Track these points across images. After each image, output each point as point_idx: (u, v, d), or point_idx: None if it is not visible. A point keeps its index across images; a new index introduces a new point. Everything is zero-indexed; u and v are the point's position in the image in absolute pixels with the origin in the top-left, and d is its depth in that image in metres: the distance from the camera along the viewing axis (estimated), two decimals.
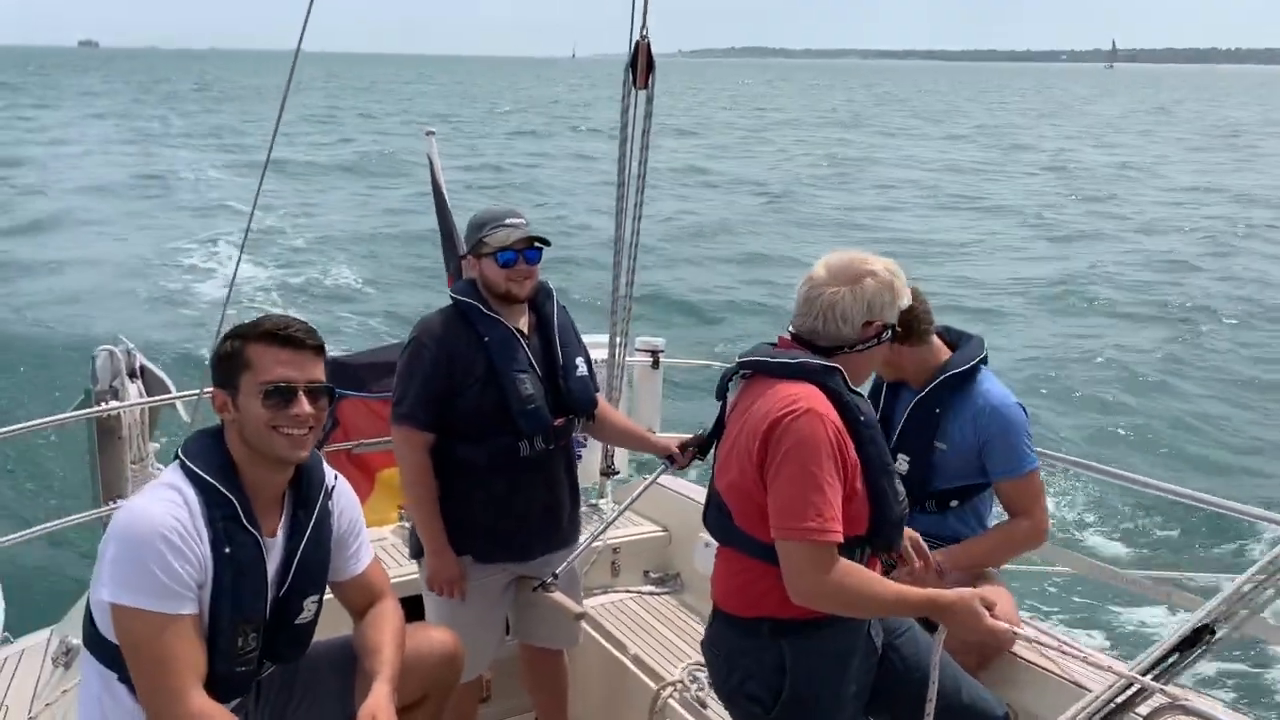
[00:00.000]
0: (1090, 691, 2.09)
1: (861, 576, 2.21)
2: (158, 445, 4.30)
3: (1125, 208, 30.50)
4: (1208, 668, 2.05)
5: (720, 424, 2.55)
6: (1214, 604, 1.93)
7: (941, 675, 2.35)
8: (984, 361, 3.05)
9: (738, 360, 2.42)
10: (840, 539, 2.17)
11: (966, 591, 2.27)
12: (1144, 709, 1.98)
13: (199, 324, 14.64)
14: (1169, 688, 1.96)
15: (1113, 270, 21.03)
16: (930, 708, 2.32)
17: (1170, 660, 1.94)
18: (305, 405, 2.23)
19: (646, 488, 3.36)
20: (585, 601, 3.52)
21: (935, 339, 3.06)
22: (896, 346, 2.89)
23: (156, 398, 4.22)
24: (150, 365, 4.31)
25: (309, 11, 3.21)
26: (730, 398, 2.46)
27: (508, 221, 3.03)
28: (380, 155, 39.53)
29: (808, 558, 2.16)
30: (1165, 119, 77.06)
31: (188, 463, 2.22)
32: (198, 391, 3.72)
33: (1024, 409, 2.98)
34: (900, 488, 2.32)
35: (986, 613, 2.24)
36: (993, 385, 3.01)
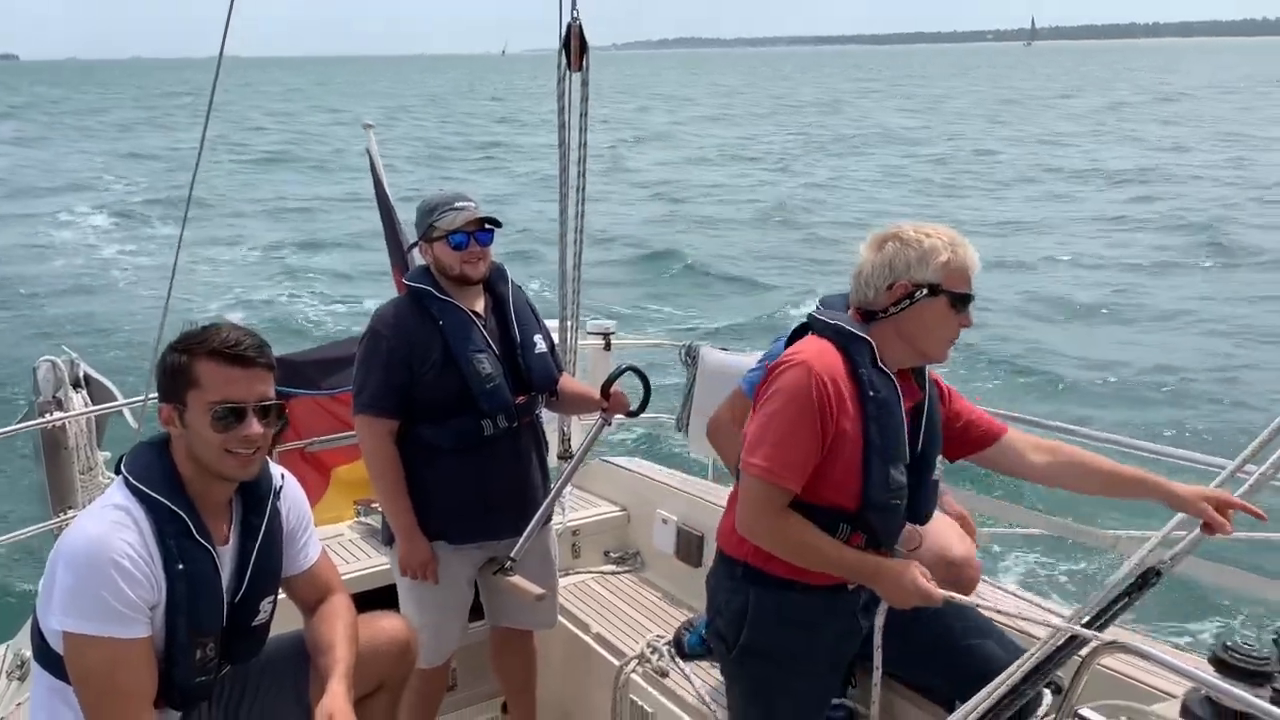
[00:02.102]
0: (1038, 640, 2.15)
1: (806, 530, 2.25)
2: (107, 454, 4.25)
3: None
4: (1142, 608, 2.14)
5: None
6: (1149, 545, 1.99)
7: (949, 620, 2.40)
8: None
9: (808, 316, 2.43)
10: (792, 488, 2.21)
11: (905, 567, 2.28)
12: (1086, 649, 2.04)
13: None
14: (1107, 632, 2.02)
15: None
16: (877, 676, 2.37)
17: (1117, 606, 1.99)
18: (255, 426, 2.20)
19: (590, 440, 3.38)
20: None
21: None
22: None
23: (102, 406, 4.17)
24: (95, 373, 4.26)
25: (230, 15, 3.21)
26: None
27: (457, 205, 3.05)
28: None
29: (756, 493, 2.24)
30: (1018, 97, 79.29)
31: (132, 480, 2.19)
32: (144, 399, 3.69)
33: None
34: (899, 477, 2.30)
35: (921, 582, 2.25)
36: None
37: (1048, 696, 2.38)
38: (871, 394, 2.24)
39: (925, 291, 2.26)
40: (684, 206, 27.17)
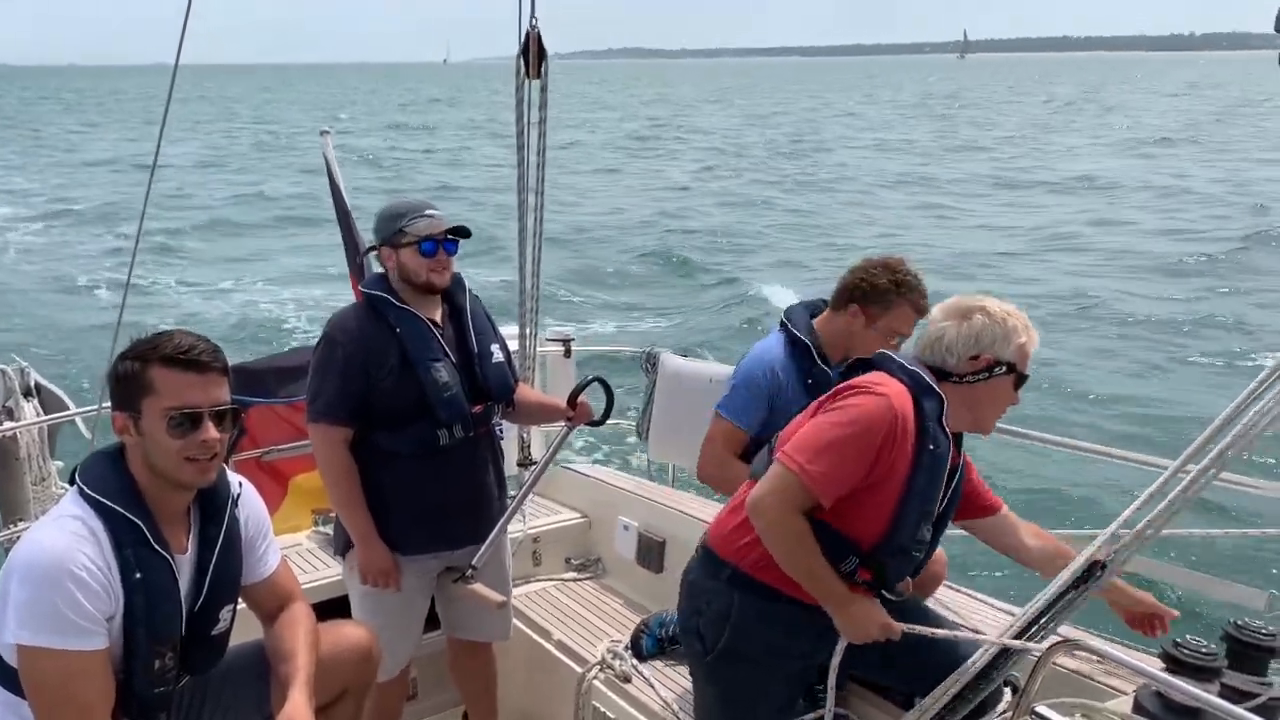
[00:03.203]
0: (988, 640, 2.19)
1: (803, 537, 2.29)
2: (60, 464, 4.18)
3: None
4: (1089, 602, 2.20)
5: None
6: (1097, 544, 2.03)
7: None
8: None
9: (876, 354, 2.50)
10: (820, 498, 2.26)
11: (866, 605, 2.34)
12: (1044, 646, 2.08)
13: None
14: (1065, 631, 2.06)
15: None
16: (830, 700, 2.42)
17: (1063, 599, 2.03)
18: (212, 431, 2.18)
19: (554, 449, 3.39)
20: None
21: None
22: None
23: (54, 415, 4.10)
24: (46, 383, 4.19)
25: (185, 24, 3.19)
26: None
27: (427, 213, 3.03)
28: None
29: (784, 482, 2.27)
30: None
31: (87, 490, 2.16)
32: (96, 407, 3.63)
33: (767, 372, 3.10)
34: (925, 530, 2.38)
35: (883, 617, 2.33)
36: None
37: (1007, 694, 2.43)
38: (932, 447, 2.31)
39: (1005, 369, 2.38)
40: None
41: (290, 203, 29.34)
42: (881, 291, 3.01)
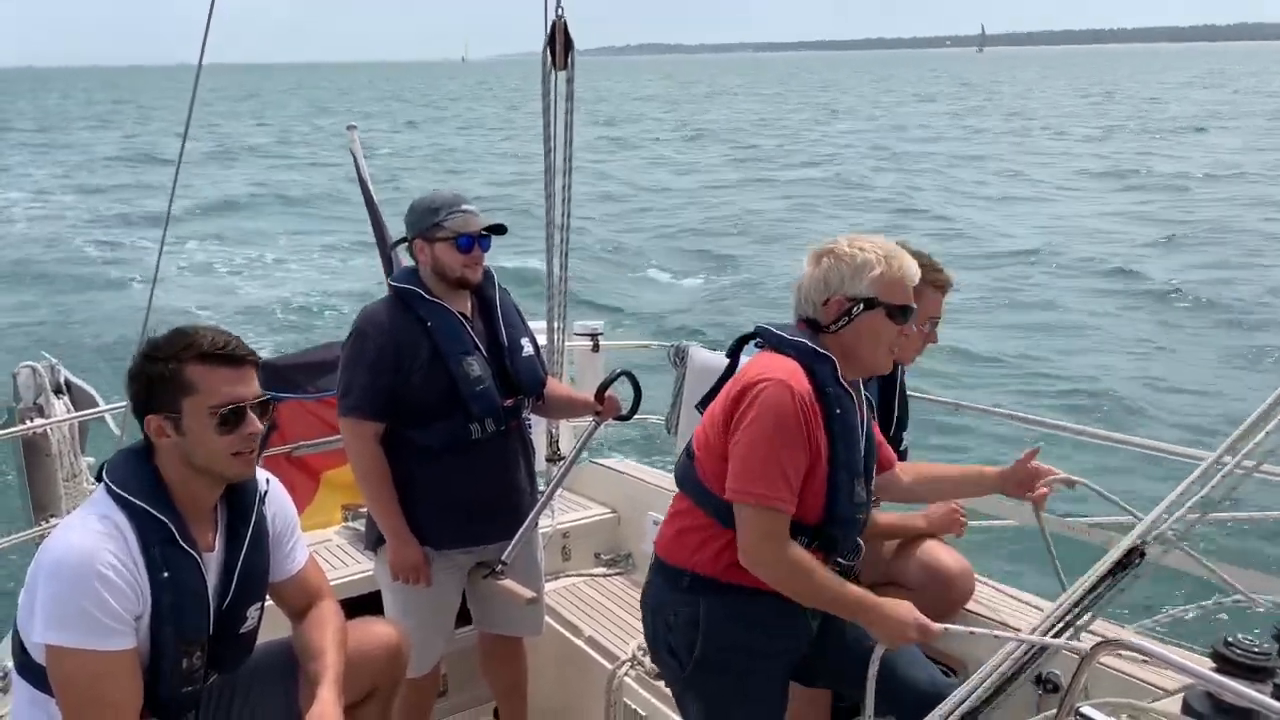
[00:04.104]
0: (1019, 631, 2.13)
1: (808, 560, 2.25)
2: (90, 460, 4.19)
3: None
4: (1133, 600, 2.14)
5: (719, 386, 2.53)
6: (1137, 531, 1.97)
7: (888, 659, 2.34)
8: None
9: (755, 327, 2.43)
10: (790, 509, 2.20)
11: (898, 604, 2.28)
12: (1079, 643, 2.03)
13: None
14: (1095, 625, 2.00)
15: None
16: (870, 701, 2.32)
17: (1098, 590, 1.98)
18: (256, 423, 2.18)
19: (582, 444, 3.37)
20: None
21: None
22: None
23: (84, 412, 4.11)
24: (76, 379, 4.20)
25: (209, 23, 3.21)
26: (743, 361, 2.48)
27: (464, 208, 3.02)
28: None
29: (756, 522, 2.22)
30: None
31: (114, 488, 2.14)
32: (126, 403, 3.63)
33: None
34: (862, 492, 2.33)
35: (918, 617, 2.26)
36: None
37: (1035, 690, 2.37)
38: (839, 412, 2.26)
39: (861, 306, 2.28)
40: None
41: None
42: None
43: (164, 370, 2.14)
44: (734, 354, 2.48)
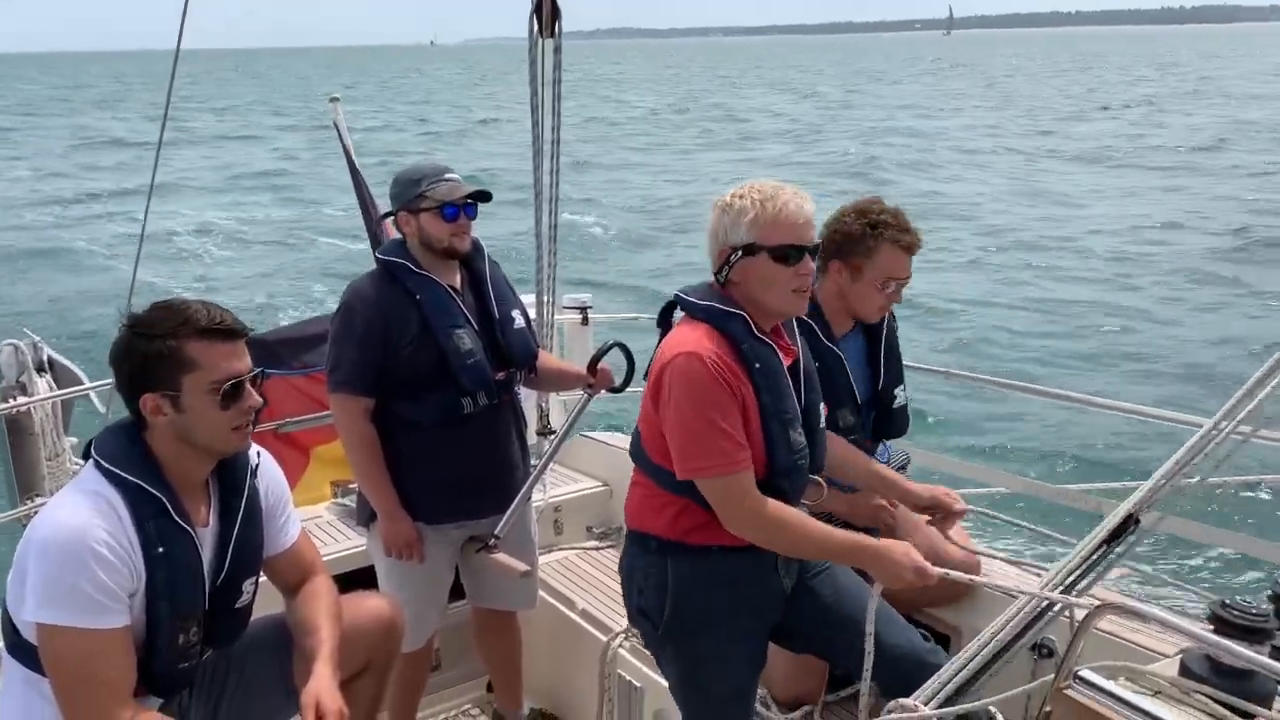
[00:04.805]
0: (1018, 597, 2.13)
1: (788, 513, 2.26)
2: (74, 440, 4.15)
3: None
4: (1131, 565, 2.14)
5: None
6: (1135, 497, 1.97)
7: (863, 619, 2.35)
8: None
9: (674, 295, 2.42)
10: (744, 464, 2.22)
11: (895, 545, 2.29)
12: (1077, 612, 2.02)
13: None
14: (1096, 589, 2.00)
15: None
16: (869, 661, 2.33)
17: (1096, 556, 1.97)
18: (255, 396, 2.17)
19: (575, 416, 3.34)
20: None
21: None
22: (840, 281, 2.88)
23: (68, 390, 4.06)
24: (59, 357, 4.15)
25: (185, 9, 3.16)
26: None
27: (448, 176, 2.98)
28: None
29: (720, 491, 2.24)
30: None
31: (105, 463, 2.11)
32: (111, 381, 3.59)
33: None
34: (798, 438, 2.33)
35: (916, 558, 2.27)
36: None
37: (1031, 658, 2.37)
38: (757, 365, 2.26)
39: (740, 254, 2.27)
40: None
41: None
42: (857, 239, 2.82)
43: (161, 348, 2.10)
44: (662, 325, 2.46)
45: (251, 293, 16.24)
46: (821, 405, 2.48)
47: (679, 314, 2.42)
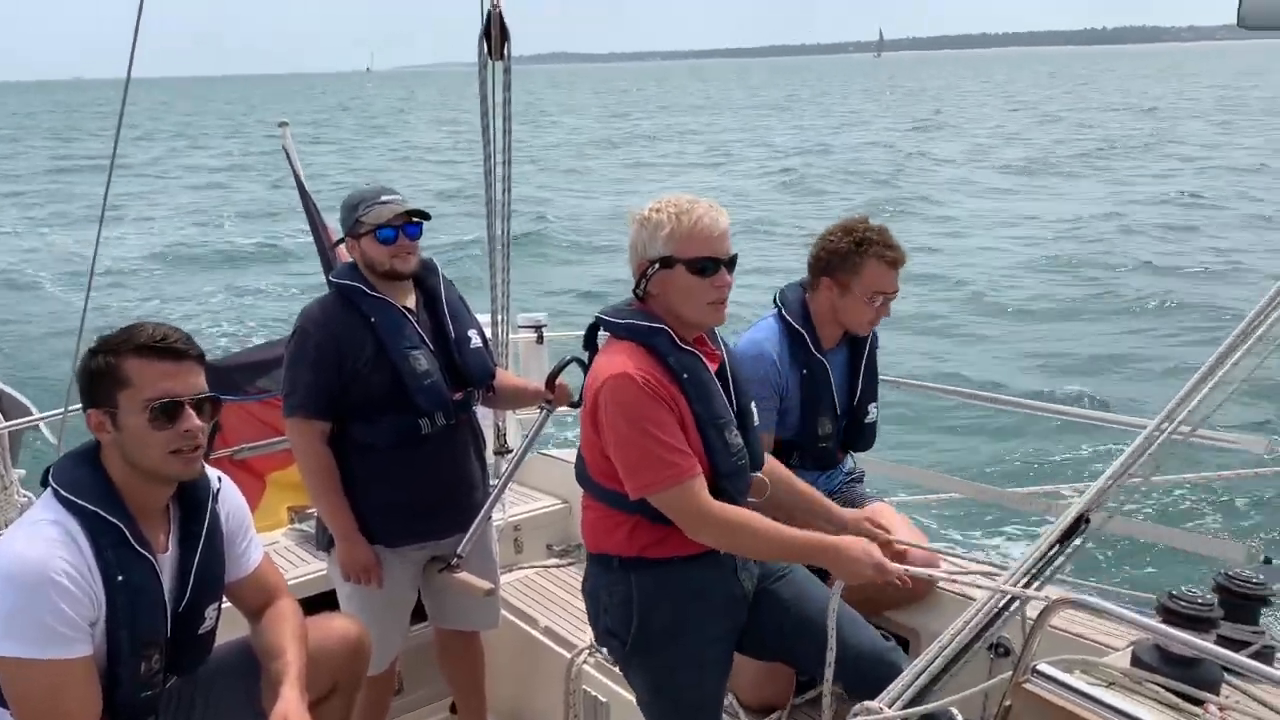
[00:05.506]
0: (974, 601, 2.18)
1: (744, 515, 2.30)
2: (22, 472, 4.08)
3: None
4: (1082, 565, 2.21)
5: None
6: (1085, 498, 2.04)
7: (824, 622, 2.38)
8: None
9: (596, 316, 2.46)
10: (691, 470, 2.26)
11: (854, 541, 2.33)
12: (1032, 609, 2.08)
13: None
14: (1046, 589, 2.06)
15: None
16: (830, 656, 2.37)
17: (1050, 556, 2.04)
18: (194, 419, 2.13)
19: (534, 433, 3.36)
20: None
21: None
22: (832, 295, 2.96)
23: (16, 421, 3.99)
24: (7, 388, 4.09)
25: (135, 40, 3.16)
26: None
27: (383, 199, 2.98)
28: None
29: (675, 501, 2.27)
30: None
31: (63, 492, 2.09)
32: (62, 411, 3.54)
33: None
34: (734, 440, 2.37)
35: (876, 554, 2.31)
36: None
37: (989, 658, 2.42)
38: (685, 375, 2.30)
39: (658, 266, 2.32)
40: None
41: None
42: (844, 255, 2.96)
43: (101, 363, 2.11)
44: (589, 347, 2.51)
45: (199, 322, 16.01)
46: (754, 404, 2.53)
47: (604, 335, 2.46)
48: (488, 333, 3.98)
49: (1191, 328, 13.34)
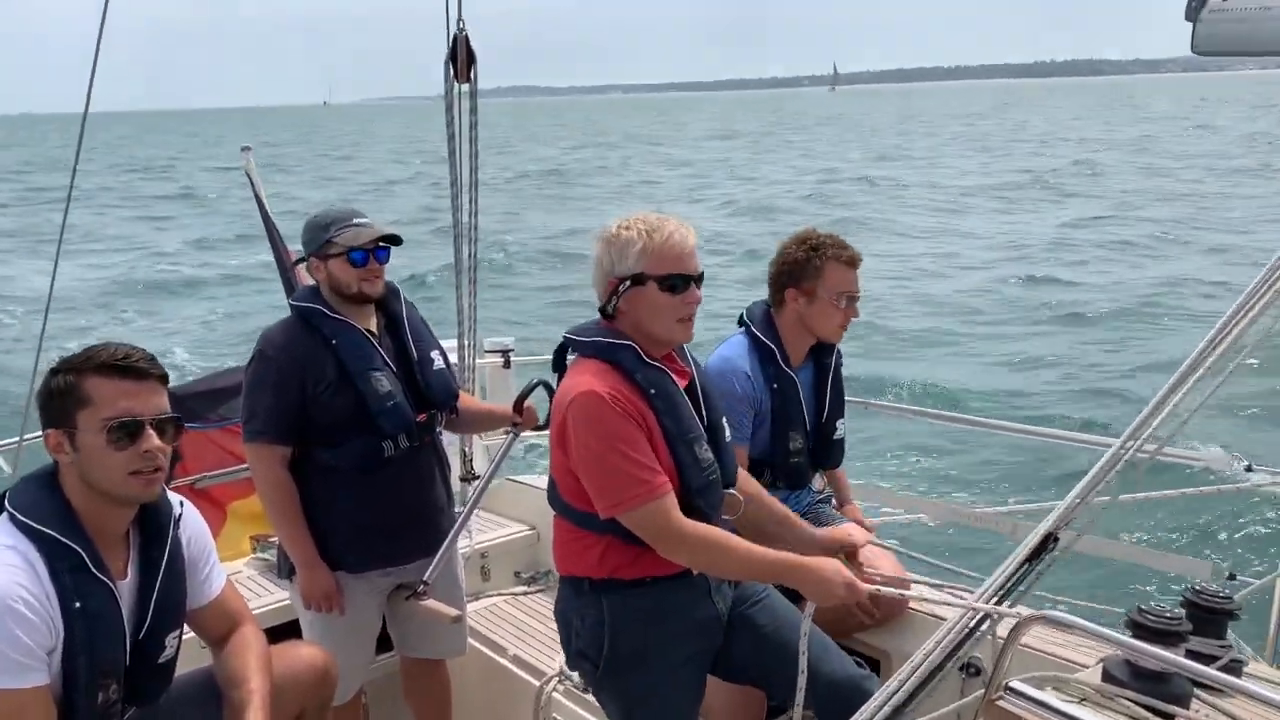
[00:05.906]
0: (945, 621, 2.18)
1: (715, 533, 2.29)
2: None
3: None
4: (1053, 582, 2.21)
5: None
6: (1053, 517, 2.04)
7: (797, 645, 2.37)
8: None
9: (564, 336, 2.45)
10: (662, 487, 2.24)
11: (825, 562, 2.32)
12: (1002, 628, 2.08)
13: None
14: (1015, 607, 2.07)
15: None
16: (802, 680, 2.35)
17: (1018, 576, 2.04)
18: (155, 440, 2.09)
19: (501, 456, 3.33)
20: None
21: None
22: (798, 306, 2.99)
23: None
24: None
25: (93, 74, 3.13)
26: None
27: (355, 221, 2.96)
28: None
29: (647, 519, 2.25)
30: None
31: (20, 516, 2.04)
32: (17, 440, 3.46)
33: None
34: (705, 454, 2.36)
35: (846, 574, 2.29)
36: None
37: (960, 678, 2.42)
38: (653, 391, 2.30)
39: (629, 284, 2.32)
40: None
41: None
42: (803, 263, 3.03)
43: (61, 382, 2.08)
44: (558, 368, 2.50)
45: (161, 343, 15.81)
46: (724, 420, 2.52)
47: (572, 355, 2.45)
48: (452, 357, 3.96)
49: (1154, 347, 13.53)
